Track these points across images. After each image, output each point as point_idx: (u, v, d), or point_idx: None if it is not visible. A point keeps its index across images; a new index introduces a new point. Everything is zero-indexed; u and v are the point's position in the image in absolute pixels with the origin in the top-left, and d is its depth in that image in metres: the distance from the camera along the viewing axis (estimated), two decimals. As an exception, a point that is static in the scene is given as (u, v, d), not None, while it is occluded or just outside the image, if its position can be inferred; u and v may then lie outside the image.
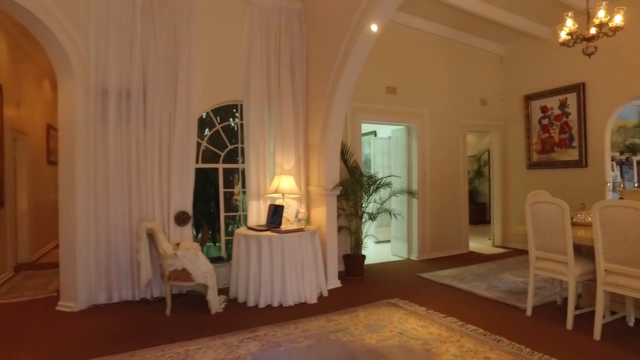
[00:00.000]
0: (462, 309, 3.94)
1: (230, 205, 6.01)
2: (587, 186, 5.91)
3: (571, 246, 3.37)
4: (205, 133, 5.12)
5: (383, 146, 7.98)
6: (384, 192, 5.69)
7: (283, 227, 4.41)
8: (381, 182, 5.43)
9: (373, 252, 6.67)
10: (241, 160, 5.14)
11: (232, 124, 5.40)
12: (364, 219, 5.47)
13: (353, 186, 5.19)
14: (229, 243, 5.01)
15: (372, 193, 5.44)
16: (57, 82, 4.20)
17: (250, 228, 4.58)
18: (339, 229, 5.11)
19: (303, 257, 4.28)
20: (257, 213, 4.91)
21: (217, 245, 5.90)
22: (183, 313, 3.94)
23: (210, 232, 6.24)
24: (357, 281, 5.10)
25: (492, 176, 7.52)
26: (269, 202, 4.91)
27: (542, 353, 2.93)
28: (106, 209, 4.23)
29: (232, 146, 5.13)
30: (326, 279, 4.64)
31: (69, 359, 3.00)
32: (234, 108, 5.28)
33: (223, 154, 5.07)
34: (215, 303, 3.94)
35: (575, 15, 4.10)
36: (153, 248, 4.09)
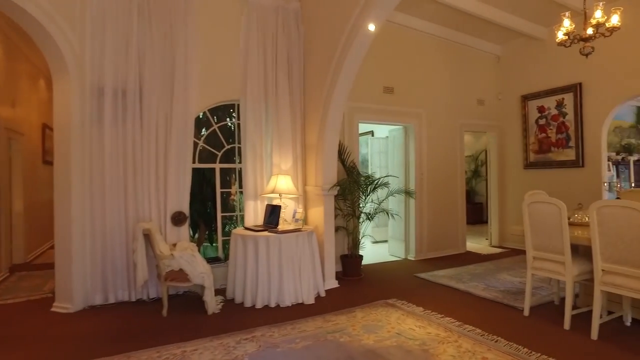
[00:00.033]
0: (460, 309, 3.93)
1: (227, 205, 5.99)
2: (584, 186, 5.94)
3: (568, 246, 3.37)
4: (202, 133, 5.10)
5: (380, 146, 7.97)
6: (382, 192, 5.68)
7: (280, 228, 4.39)
8: (378, 182, 5.42)
9: (370, 252, 6.66)
10: (238, 160, 5.12)
11: (229, 124, 5.38)
12: (362, 219, 5.47)
13: (350, 186, 5.18)
14: (226, 243, 4.99)
15: (370, 193, 5.43)
16: (52, 81, 4.16)
17: (247, 228, 4.56)
18: (337, 229, 5.11)
19: (300, 258, 4.27)
20: (254, 213, 4.89)
21: (214, 245, 5.87)
22: (180, 314, 3.92)
23: (207, 233, 6.21)
24: (355, 281, 5.10)
25: (489, 176, 7.53)
26: (266, 202, 4.90)
27: (540, 353, 2.93)
28: (102, 209, 4.20)
29: (229, 146, 5.11)
30: (323, 279, 4.63)
31: (64, 361, 2.98)
32: (231, 108, 5.26)
33: (220, 154, 5.05)
34: (212, 304, 3.92)
35: (572, 15, 4.11)
36: (149, 248, 4.07)
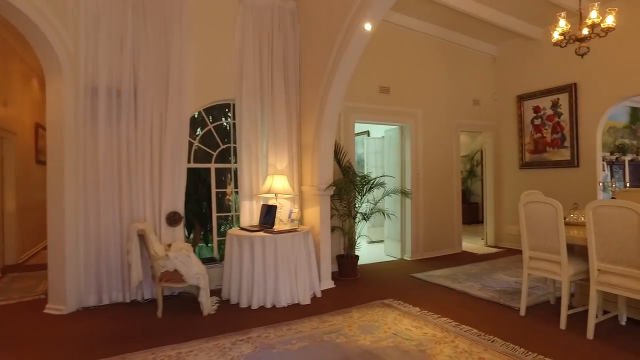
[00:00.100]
0: (456, 309, 3.93)
1: (222, 205, 5.96)
2: (579, 186, 5.96)
3: (564, 246, 3.38)
4: (197, 132, 5.07)
5: (376, 146, 7.97)
6: (378, 192, 5.68)
7: (276, 228, 4.37)
8: (374, 182, 5.41)
9: (366, 253, 6.66)
10: (234, 160, 5.09)
11: (225, 124, 5.35)
12: (358, 219, 5.46)
13: (346, 186, 5.17)
14: (222, 244, 4.96)
15: (366, 193, 5.42)
16: (45, 81, 4.11)
17: (242, 228, 4.54)
18: (332, 229, 5.10)
19: (296, 258, 4.25)
20: (250, 213, 4.87)
21: (210, 246, 5.84)
22: (175, 315, 3.89)
23: (202, 233, 6.18)
24: (351, 282, 5.08)
25: (485, 176, 7.55)
26: (262, 202, 4.88)
27: (536, 353, 2.93)
28: (96, 210, 4.16)
29: (225, 146, 5.08)
30: (319, 280, 4.61)
31: (57, 363, 2.94)
32: (227, 107, 5.23)
33: (215, 154, 5.02)
34: (207, 304, 3.89)
35: (567, 16, 4.12)
36: (144, 249, 4.04)
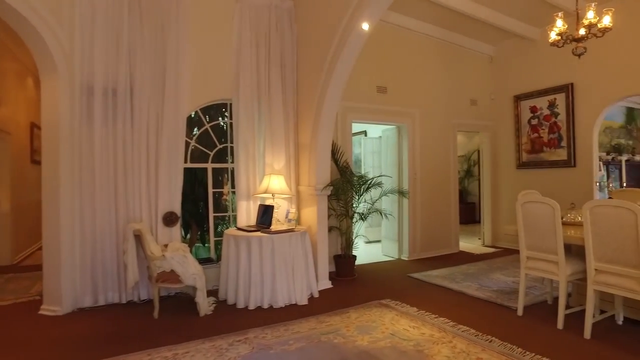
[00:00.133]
0: (454, 309, 3.93)
1: (219, 205, 5.93)
2: (576, 186, 5.97)
3: (562, 246, 3.38)
4: (194, 132, 5.04)
5: (373, 146, 7.96)
6: (375, 192, 5.67)
7: (273, 228, 4.35)
8: (372, 182, 5.40)
9: (364, 253, 6.65)
10: (230, 159, 5.07)
11: (222, 123, 5.33)
12: (355, 219, 5.44)
13: (344, 186, 5.15)
14: (218, 244, 4.94)
15: (363, 193, 5.41)
16: (40, 80, 4.07)
17: (239, 229, 4.52)
18: (330, 229, 5.08)
19: (293, 258, 4.23)
20: (247, 213, 4.85)
21: (206, 246, 5.81)
22: (171, 316, 3.86)
23: (199, 233, 6.15)
24: (348, 282, 5.07)
25: (482, 176, 7.55)
26: (259, 202, 4.85)
27: (534, 353, 2.93)
28: (92, 210, 4.13)
29: (222, 146, 5.06)
30: (317, 280, 4.60)
31: (52, 365, 2.91)
32: (224, 107, 5.21)
33: (212, 154, 4.99)
34: (204, 305, 3.87)
35: (564, 16, 4.12)
36: (140, 249, 4.01)
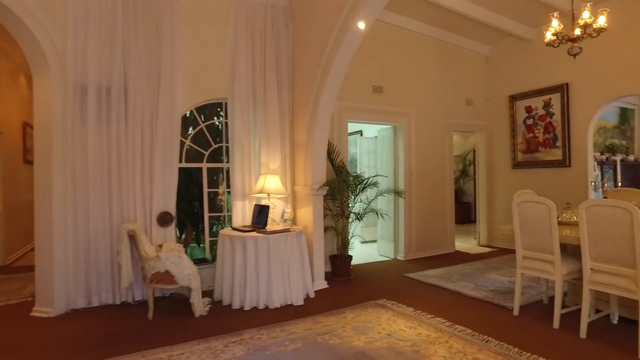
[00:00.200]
0: (450, 309, 3.92)
1: (214, 205, 5.89)
2: (571, 185, 6.00)
3: (558, 245, 3.38)
4: (189, 132, 5.01)
5: (369, 146, 7.95)
6: (371, 192, 5.66)
7: (269, 228, 4.33)
8: (368, 182, 5.39)
9: (360, 253, 6.63)
10: (226, 159, 5.03)
11: (217, 123, 5.29)
12: (351, 219, 5.43)
13: (339, 186, 5.14)
14: (214, 244, 4.91)
15: (359, 193, 5.39)
16: (33, 79, 4.02)
17: (235, 229, 4.49)
18: (326, 229, 5.06)
19: (289, 258, 4.21)
20: (242, 213, 4.82)
21: (201, 246, 5.78)
22: (166, 317, 3.83)
23: (194, 233, 6.11)
24: (344, 282, 5.06)
25: (478, 176, 7.57)
26: (254, 202, 4.83)
27: (530, 353, 2.93)
28: (85, 210, 4.08)
29: (217, 145, 5.03)
30: (313, 280, 4.57)
31: (45, 367, 2.87)
32: (219, 106, 5.17)
33: (207, 153, 4.96)
34: (199, 306, 3.84)
35: (559, 16, 4.13)
36: (134, 250, 3.97)
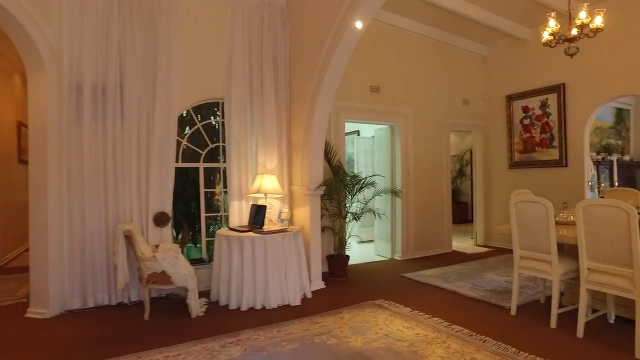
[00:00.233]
0: (447, 309, 3.92)
1: (211, 205, 5.87)
2: (567, 185, 6.02)
3: (555, 245, 3.38)
4: (185, 131, 4.98)
5: (366, 145, 7.95)
6: (368, 192, 5.65)
7: (266, 228, 4.31)
8: (365, 182, 5.39)
9: (357, 253, 6.63)
10: (222, 159, 5.01)
11: (214, 122, 5.27)
12: (348, 219, 5.42)
13: (337, 186, 5.13)
14: (210, 244, 4.88)
15: (356, 193, 5.39)
16: (27, 77, 3.97)
17: (232, 229, 4.47)
18: (323, 229, 5.05)
19: (286, 258, 4.19)
20: (239, 213, 4.80)
21: (198, 246, 5.75)
22: (162, 317, 3.80)
23: (190, 233, 6.08)
24: (341, 282, 5.05)
25: (475, 176, 7.58)
26: (251, 202, 4.81)
27: (528, 353, 2.93)
28: (81, 210, 4.05)
29: (213, 145, 5.00)
30: (310, 280, 4.57)
31: (39, 369, 2.85)
32: (215, 106, 5.15)
33: (204, 153, 4.93)
34: (195, 306, 3.82)
35: (556, 16, 4.13)
36: (130, 250, 3.95)
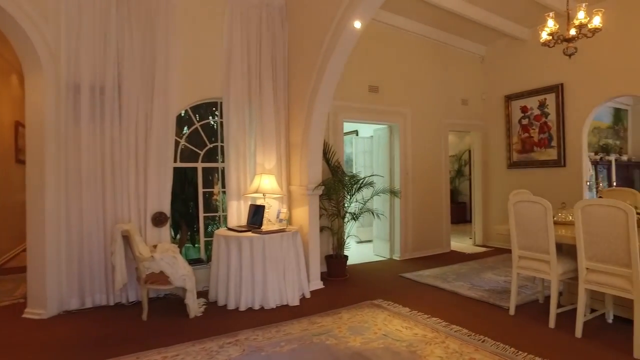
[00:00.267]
0: (446, 309, 3.92)
1: (209, 205, 5.86)
2: (566, 185, 6.02)
3: (554, 245, 3.39)
4: (183, 131, 4.97)
5: (365, 145, 7.94)
6: (367, 192, 5.65)
7: (264, 228, 4.30)
8: (363, 182, 5.38)
9: (355, 253, 6.62)
10: (221, 159, 5.00)
11: (212, 122, 5.26)
12: (347, 219, 5.41)
13: (335, 186, 5.12)
14: (209, 244, 4.87)
15: (355, 193, 5.38)
16: (25, 77, 3.96)
17: (230, 229, 4.46)
18: (321, 229, 5.05)
19: (285, 258, 4.19)
20: (238, 213, 4.79)
21: (196, 246, 5.75)
22: (160, 318, 3.79)
23: (189, 233, 6.07)
24: (340, 282, 5.04)
25: (473, 176, 7.58)
26: (250, 202, 4.80)
27: (527, 352, 2.93)
28: (79, 210, 4.03)
29: (212, 145, 4.99)
30: (308, 280, 4.56)
31: (37, 370, 2.83)
32: (214, 106, 5.14)
33: (202, 153, 4.92)
34: (194, 307, 3.81)
35: (555, 16, 4.14)
36: (129, 250, 3.93)
